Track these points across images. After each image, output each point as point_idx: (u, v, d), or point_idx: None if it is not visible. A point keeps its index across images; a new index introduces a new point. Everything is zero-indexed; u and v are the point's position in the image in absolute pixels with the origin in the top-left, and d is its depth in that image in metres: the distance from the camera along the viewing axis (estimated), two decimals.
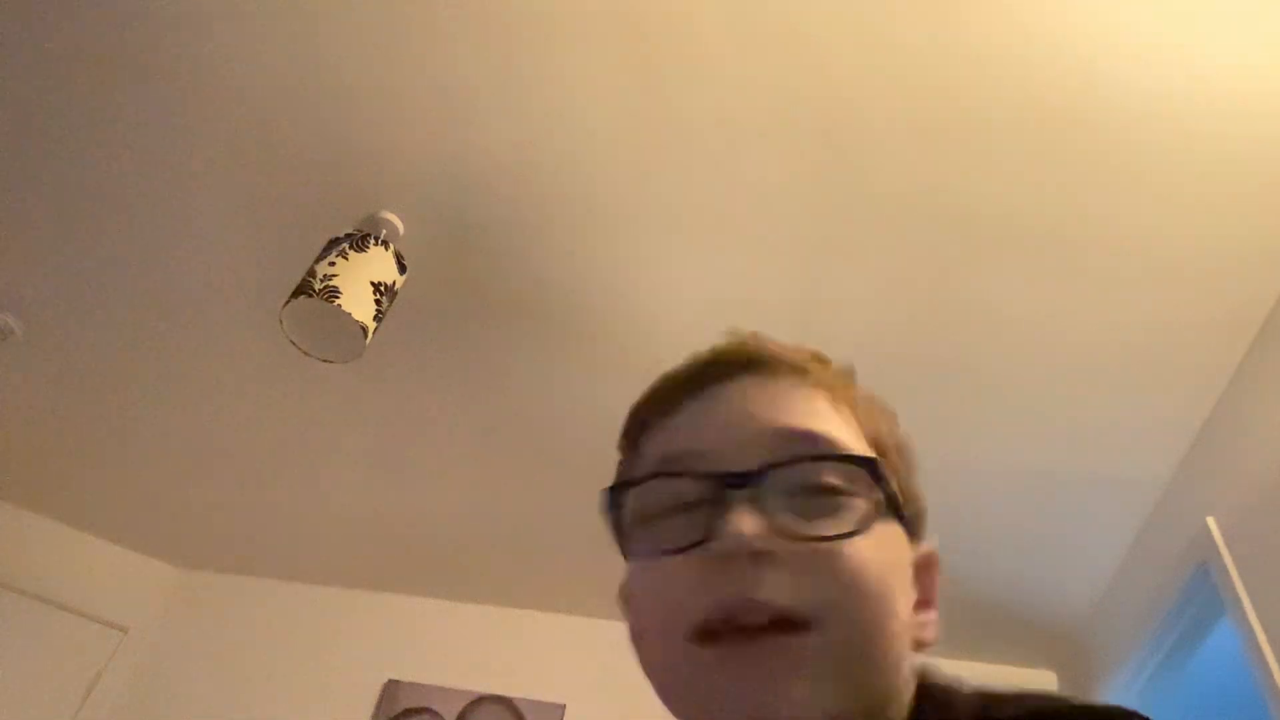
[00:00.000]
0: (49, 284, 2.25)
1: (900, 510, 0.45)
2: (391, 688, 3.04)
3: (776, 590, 0.39)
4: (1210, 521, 1.95)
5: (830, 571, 0.40)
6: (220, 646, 3.24)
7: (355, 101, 1.75)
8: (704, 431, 0.47)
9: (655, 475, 0.46)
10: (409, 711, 2.98)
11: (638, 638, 0.46)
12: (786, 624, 0.39)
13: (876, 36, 1.53)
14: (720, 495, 0.41)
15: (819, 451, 0.44)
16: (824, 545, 0.40)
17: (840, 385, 0.51)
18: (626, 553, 0.47)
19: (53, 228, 2.09)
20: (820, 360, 0.52)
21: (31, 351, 2.44)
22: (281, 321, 1.81)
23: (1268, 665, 1.67)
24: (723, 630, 0.39)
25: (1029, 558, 2.49)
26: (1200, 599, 2.01)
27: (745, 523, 0.40)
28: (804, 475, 0.43)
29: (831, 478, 0.43)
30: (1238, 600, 1.79)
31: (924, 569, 0.48)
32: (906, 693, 0.43)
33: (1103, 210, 1.71)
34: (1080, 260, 1.79)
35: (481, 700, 2.99)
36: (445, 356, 2.27)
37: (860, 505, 0.43)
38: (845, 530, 0.41)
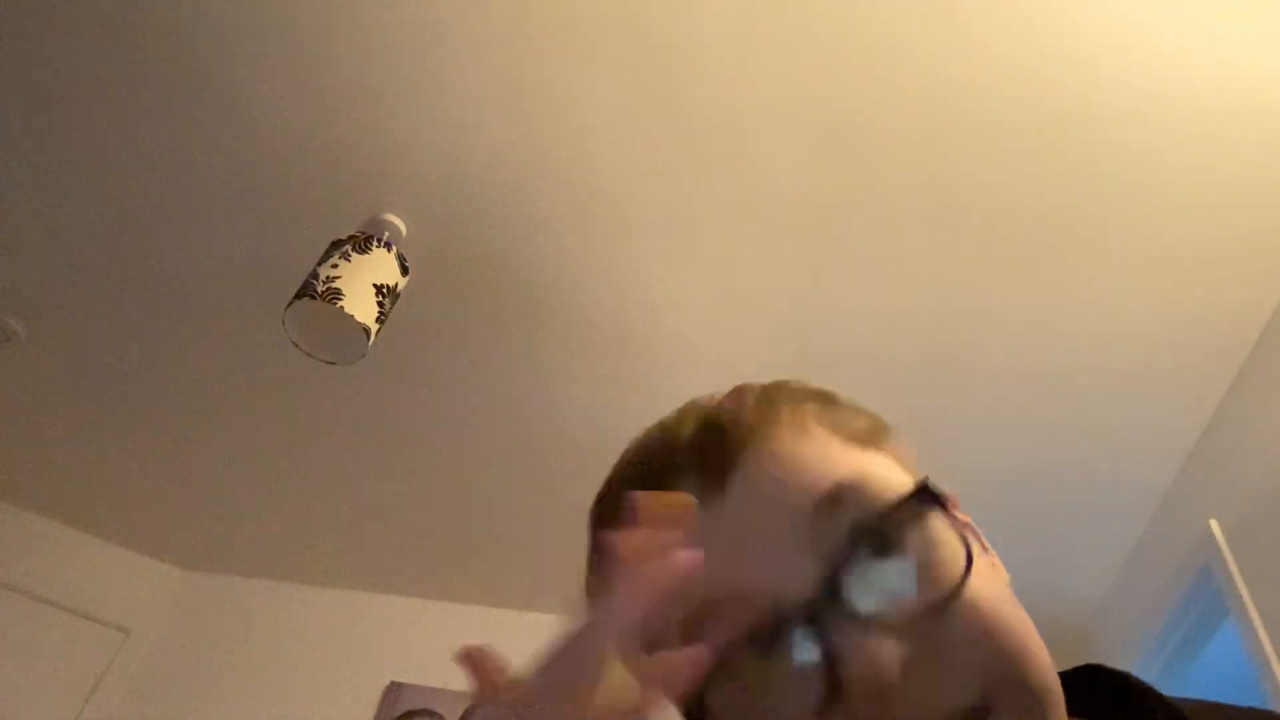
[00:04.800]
0: (52, 287, 2.25)
1: (951, 511, 0.38)
2: (393, 690, 3.04)
3: (949, 692, 0.33)
4: (1213, 524, 1.94)
5: (974, 633, 0.34)
6: (222, 648, 3.25)
7: (358, 104, 1.76)
8: (726, 570, 0.37)
9: (733, 653, 0.35)
10: (411, 713, 2.98)
11: None
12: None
13: (883, 41, 1.53)
14: (810, 632, 0.34)
15: (863, 515, 0.37)
16: (949, 609, 0.34)
17: (797, 406, 0.42)
18: None
19: (56, 232, 2.10)
20: (764, 395, 0.44)
21: (34, 353, 2.45)
22: (284, 323, 1.82)
23: (1271, 667, 1.67)
24: None
25: (1031, 560, 2.49)
26: (1203, 601, 2.00)
27: (869, 647, 0.33)
28: (869, 551, 0.36)
29: (891, 530, 0.37)
30: (1241, 602, 1.79)
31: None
32: None
33: (1106, 212, 1.71)
34: (1084, 262, 1.79)
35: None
36: (447, 358, 2.27)
37: (932, 538, 0.37)
38: (955, 580, 0.35)
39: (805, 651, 0.34)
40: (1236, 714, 0.42)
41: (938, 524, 0.37)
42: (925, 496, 0.37)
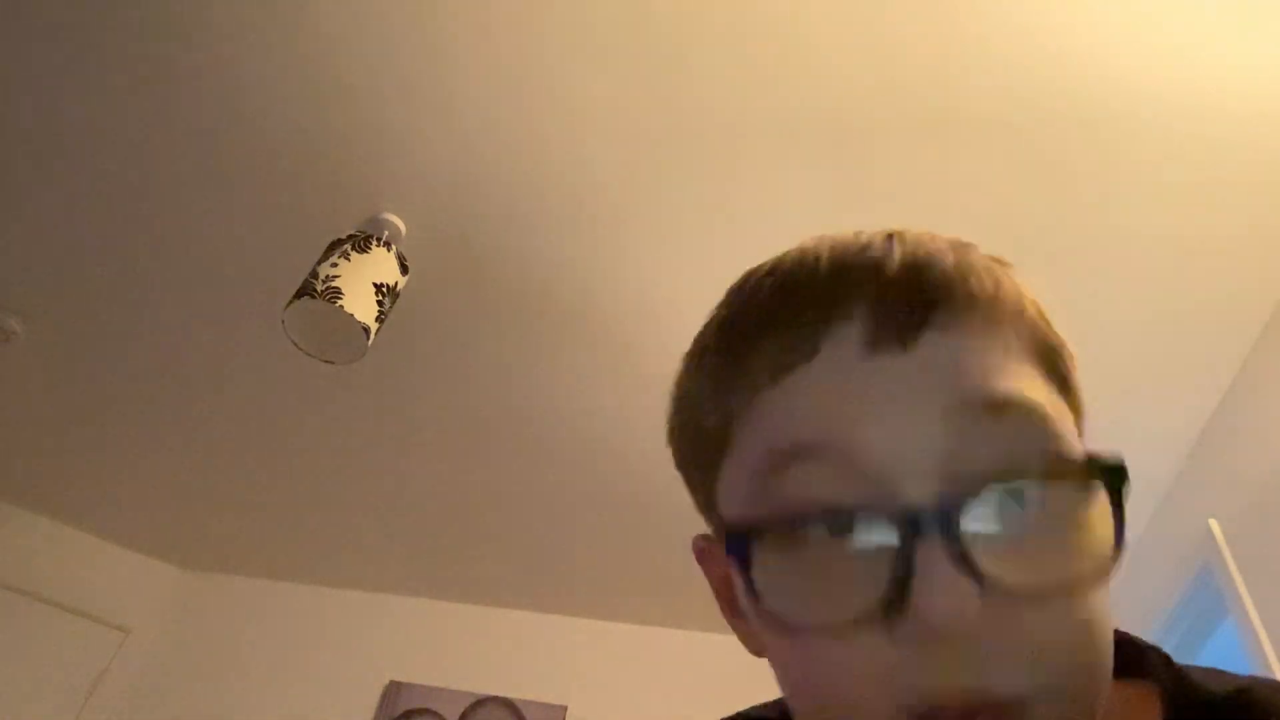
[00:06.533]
0: (51, 286, 2.25)
1: (1124, 501, 0.32)
2: (393, 689, 3.04)
3: (1004, 678, 0.29)
4: (1212, 523, 1.94)
5: (1061, 636, 0.30)
6: (222, 648, 3.25)
7: (358, 103, 1.76)
8: (849, 420, 0.32)
9: (809, 519, 0.31)
10: (410, 713, 2.98)
11: (788, 689, 0.35)
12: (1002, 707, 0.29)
13: (881, 39, 1.53)
14: (901, 536, 0.30)
15: (1030, 460, 0.31)
16: (1061, 600, 0.30)
17: (1012, 300, 0.37)
18: (757, 602, 0.33)
19: (56, 230, 2.10)
20: (974, 267, 0.37)
21: (34, 352, 2.45)
22: (284, 323, 1.82)
23: (1270, 667, 1.67)
24: None
25: None
26: (1202, 600, 2.01)
27: (952, 589, 0.28)
28: (1011, 489, 0.31)
29: (1052, 480, 0.32)
30: (1240, 602, 1.79)
31: None
32: None
33: (1104, 211, 1.71)
34: (1083, 262, 1.79)
35: (483, 701, 2.99)
36: (447, 357, 2.27)
37: (1087, 519, 0.32)
38: (1082, 572, 0.31)
39: (885, 553, 0.30)
40: (1235, 680, 0.40)
41: (1103, 505, 0.32)
42: (1111, 475, 0.32)
